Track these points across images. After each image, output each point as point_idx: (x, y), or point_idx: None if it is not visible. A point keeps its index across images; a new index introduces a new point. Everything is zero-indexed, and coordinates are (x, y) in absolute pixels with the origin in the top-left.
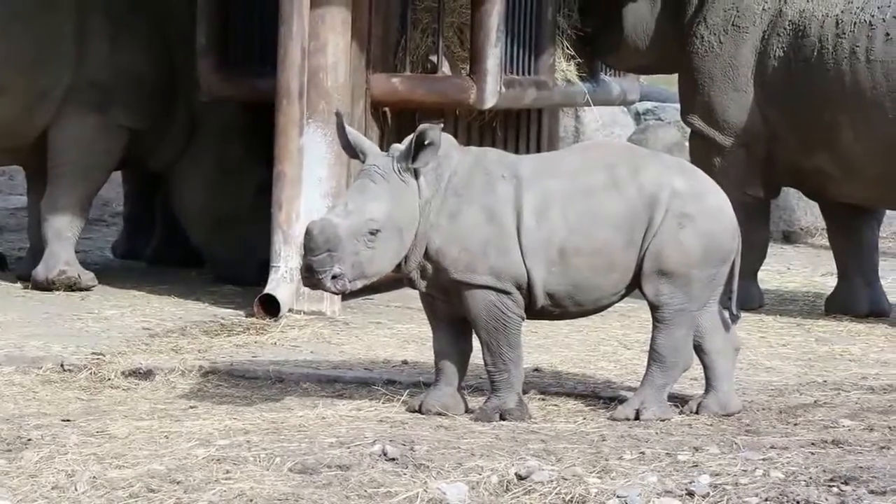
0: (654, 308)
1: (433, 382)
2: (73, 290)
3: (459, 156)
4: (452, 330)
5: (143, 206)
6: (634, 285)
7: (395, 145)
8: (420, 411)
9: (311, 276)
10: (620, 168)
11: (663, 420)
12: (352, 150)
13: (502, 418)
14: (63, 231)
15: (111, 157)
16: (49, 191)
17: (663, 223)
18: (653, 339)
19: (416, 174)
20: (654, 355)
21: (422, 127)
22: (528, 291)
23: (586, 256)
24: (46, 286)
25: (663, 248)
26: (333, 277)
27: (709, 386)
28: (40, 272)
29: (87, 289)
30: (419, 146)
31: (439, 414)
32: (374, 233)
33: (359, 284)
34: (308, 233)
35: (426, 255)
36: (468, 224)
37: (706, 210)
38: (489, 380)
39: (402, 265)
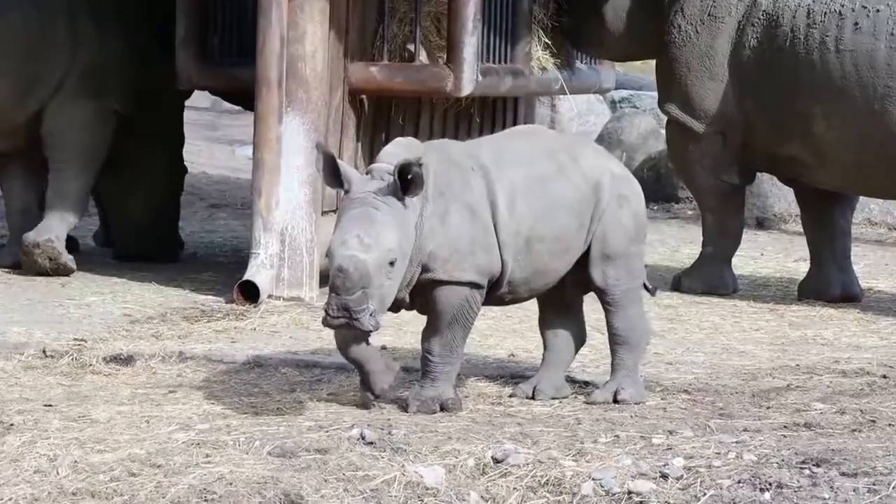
0: (602, 292)
1: (366, 367)
2: (52, 266)
3: (430, 155)
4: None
5: None
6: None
7: (377, 166)
8: (380, 394)
9: (348, 316)
10: (561, 155)
11: (640, 402)
12: (335, 181)
13: (443, 408)
14: (67, 214)
15: (107, 141)
16: (54, 176)
17: (608, 206)
18: (609, 324)
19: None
20: (616, 339)
21: (402, 162)
22: (496, 282)
23: (548, 243)
24: (30, 249)
25: (608, 230)
26: (371, 315)
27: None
28: (31, 235)
29: (66, 271)
30: (403, 180)
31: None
32: (392, 263)
33: (380, 318)
34: (343, 271)
35: (417, 263)
36: (456, 224)
37: (635, 191)
38: (427, 370)
39: None
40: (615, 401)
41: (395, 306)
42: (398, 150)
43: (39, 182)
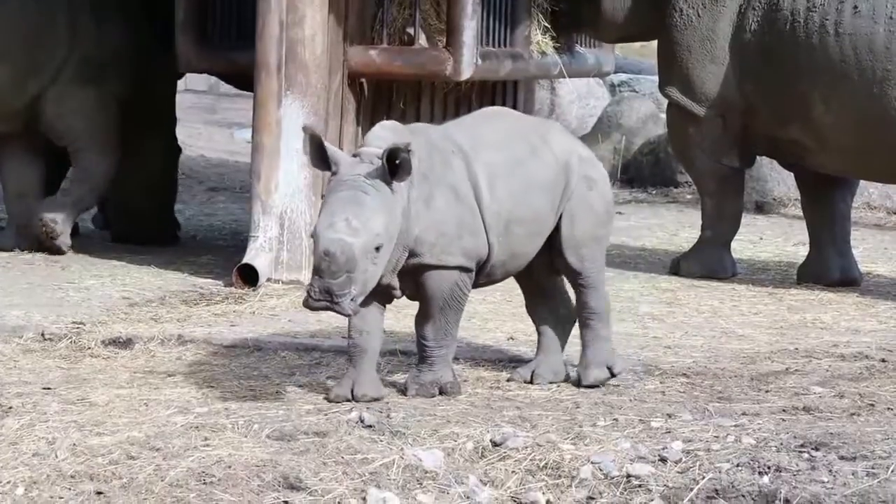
0: (577, 275)
1: (354, 365)
2: (47, 242)
3: (413, 138)
4: (379, 312)
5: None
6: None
7: (365, 150)
8: (354, 399)
9: (329, 299)
10: (532, 137)
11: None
12: (323, 164)
13: (442, 392)
14: (84, 197)
15: (115, 125)
16: (77, 163)
17: (576, 188)
18: (583, 303)
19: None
20: (591, 316)
21: (390, 147)
22: (482, 265)
23: (526, 225)
24: (35, 220)
25: (577, 212)
26: (352, 299)
27: (541, 352)
28: (42, 207)
29: (58, 251)
30: (391, 165)
31: (375, 399)
32: (378, 248)
33: (360, 302)
34: (329, 255)
35: (403, 247)
36: (442, 208)
37: (602, 174)
38: (424, 354)
39: None
40: (613, 376)
41: (387, 294)
42: (385, 133)
43: (38, 166)
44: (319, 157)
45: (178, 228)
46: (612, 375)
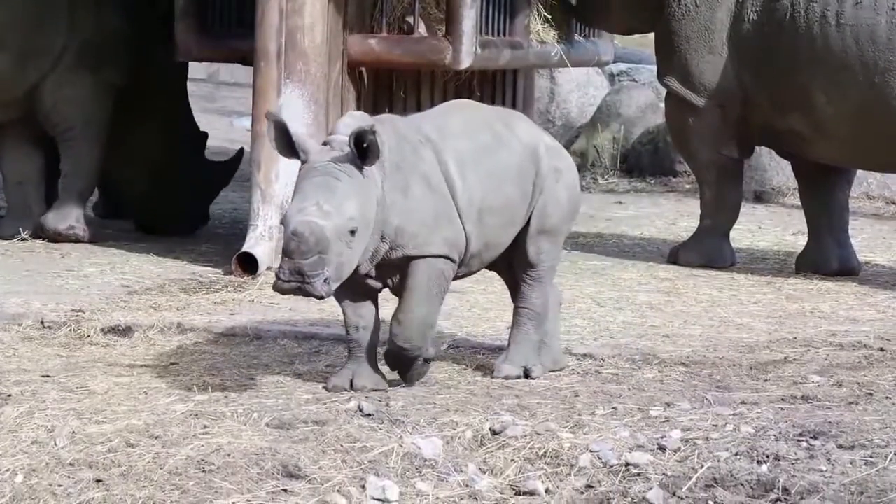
0: (530, 266)
1: (354, 358)
2: (72, 243)
3: (381, 128)
4: (373, 305)
5: None
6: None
7: (335, 137)
8: (353, 389)
9: (301, 280)
10: (497, 125)
11: (559, 369)
12: (290, 151)
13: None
14: (84, 190)
15: (108, 114)
16: (67, 154)
17: (546, 177)
18: (525, 297)
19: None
20: (528, 313)
21: (356, 130)
22: (462, 256)
23: (497, 214)
24: (52, 237)
25: (547, 203)
26: (325, 281)
27: (541, 343)
28: (51, 221)
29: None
30: (360, 148)
31: (374, 390)
32: (353, 232)
33: (335, 287)
34: (298, 235)
35: (381, 237)
36: (419, 197)
37: (569, 164)
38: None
39: None
40: (527, 377)
41: (366, 286)
42: (353, 121)
43: (38, 154)
44: (285, 144)
45: (207, 220)
46: (527, 377)
